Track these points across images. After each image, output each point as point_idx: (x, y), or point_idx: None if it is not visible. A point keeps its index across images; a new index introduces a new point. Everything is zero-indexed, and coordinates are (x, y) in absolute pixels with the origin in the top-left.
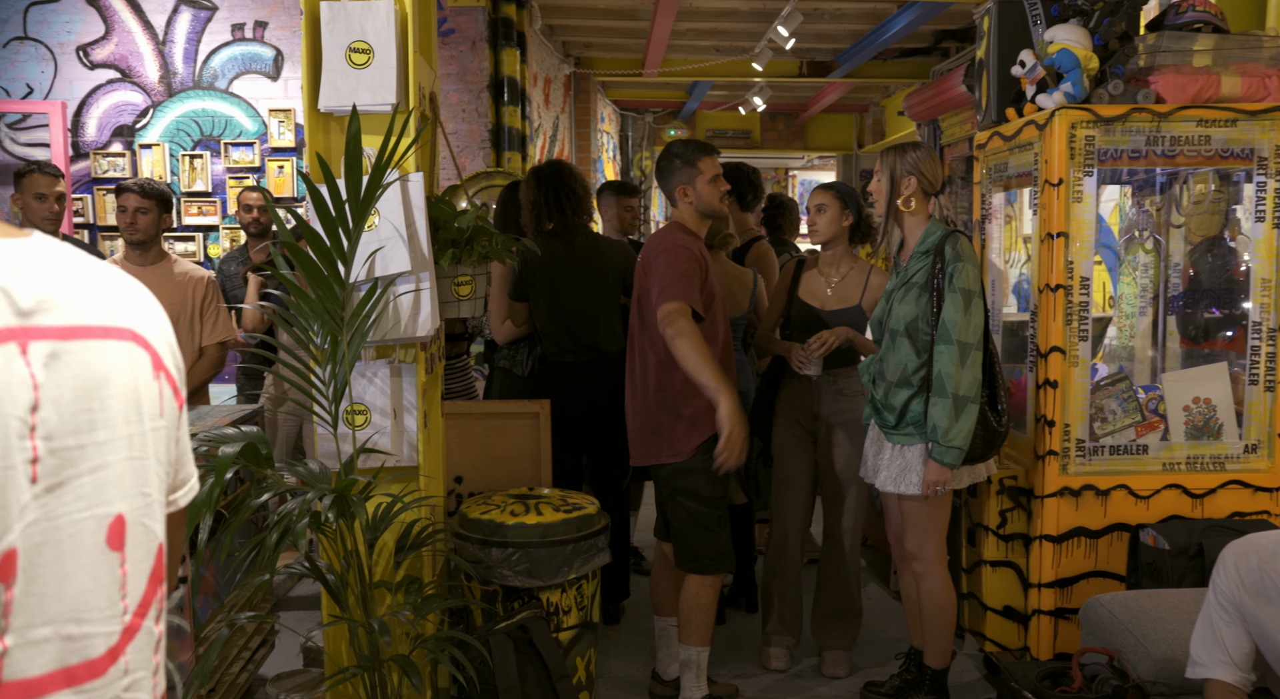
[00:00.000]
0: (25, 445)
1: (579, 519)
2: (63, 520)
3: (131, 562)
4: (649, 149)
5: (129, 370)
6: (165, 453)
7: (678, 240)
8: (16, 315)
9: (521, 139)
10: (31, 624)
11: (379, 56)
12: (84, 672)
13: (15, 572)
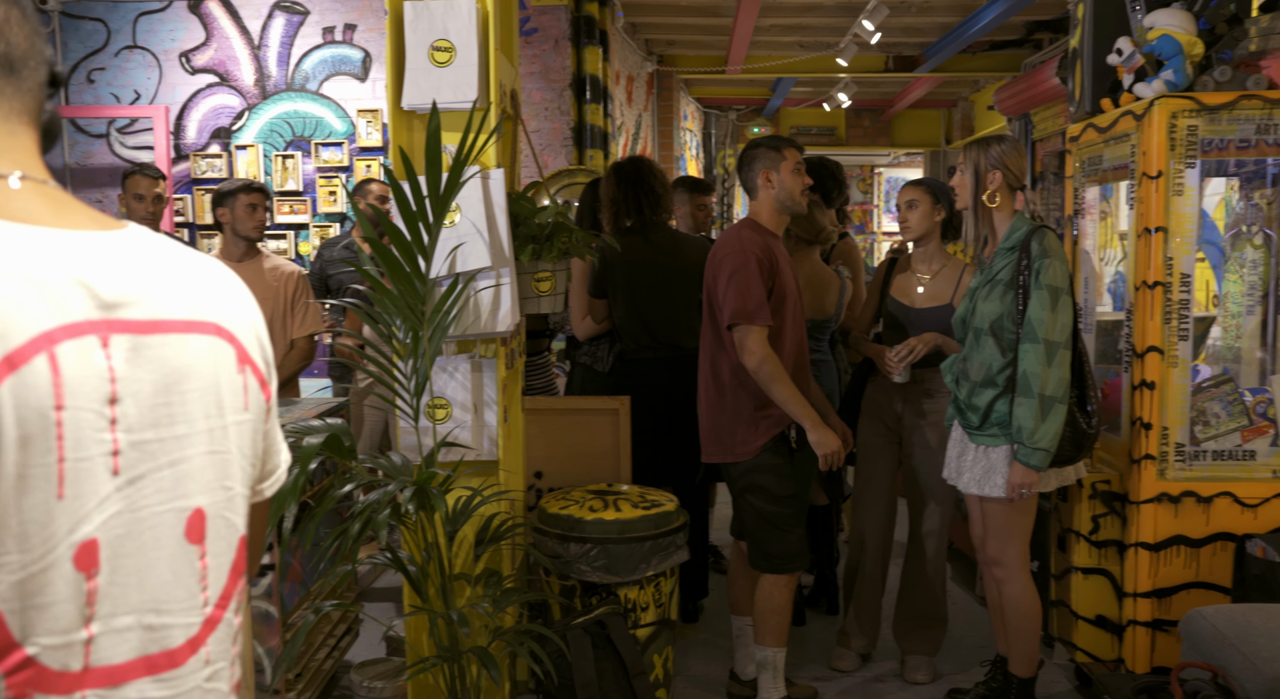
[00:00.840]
0: (104, 438)
1: (657, 516)
2: (143, 513)
3: (212, 554)
4: (732, 146)
5: (211, 364)
6: (250, 446)
7: (744, 241)
8: (99, 308)
9: (604, 137)
10: (115, 613)
11: (461, 54)
12: (163, 661)
13: (98, 561)
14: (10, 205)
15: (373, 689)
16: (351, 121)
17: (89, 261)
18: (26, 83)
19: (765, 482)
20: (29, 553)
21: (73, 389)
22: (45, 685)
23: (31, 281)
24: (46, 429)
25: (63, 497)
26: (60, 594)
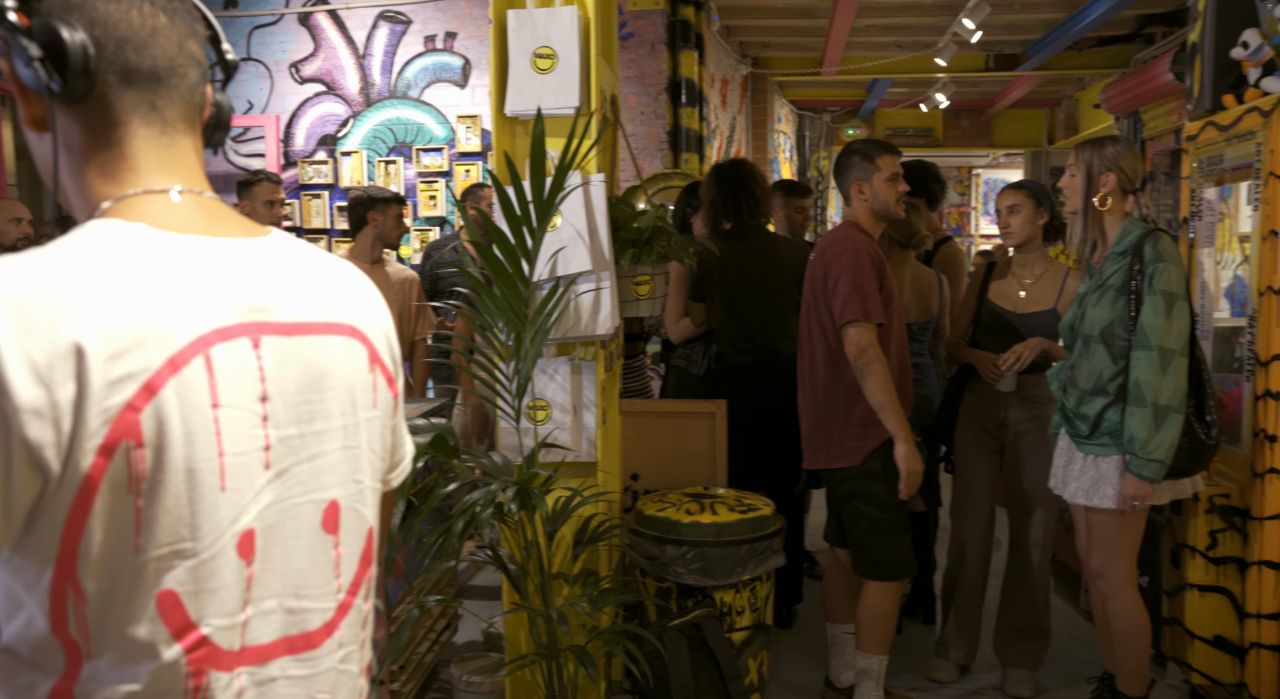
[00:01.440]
0: (257, 434)
1: (754, 520)
2: (287, 504)
3: (345, 544)
4: (826, 149)
5: (346, 364)
6: (379, 442)
7: (855, 241)
8: (249, 311)
9: (699, 140)
10: (263, 596)
11: (563, 61)
12: (302, 642)
13: (254, 549)
14: (171, 218)
15: (472, 683)
16: (451, 127)
17: (239, 267)
18: (178, 89)
19: (873, 488)
20: (200, 541)
21: (228, 388)
22: (215, 662)
23: (190, 288)
24: (207, 426)
25: (225, 489)
26: (226, 580)
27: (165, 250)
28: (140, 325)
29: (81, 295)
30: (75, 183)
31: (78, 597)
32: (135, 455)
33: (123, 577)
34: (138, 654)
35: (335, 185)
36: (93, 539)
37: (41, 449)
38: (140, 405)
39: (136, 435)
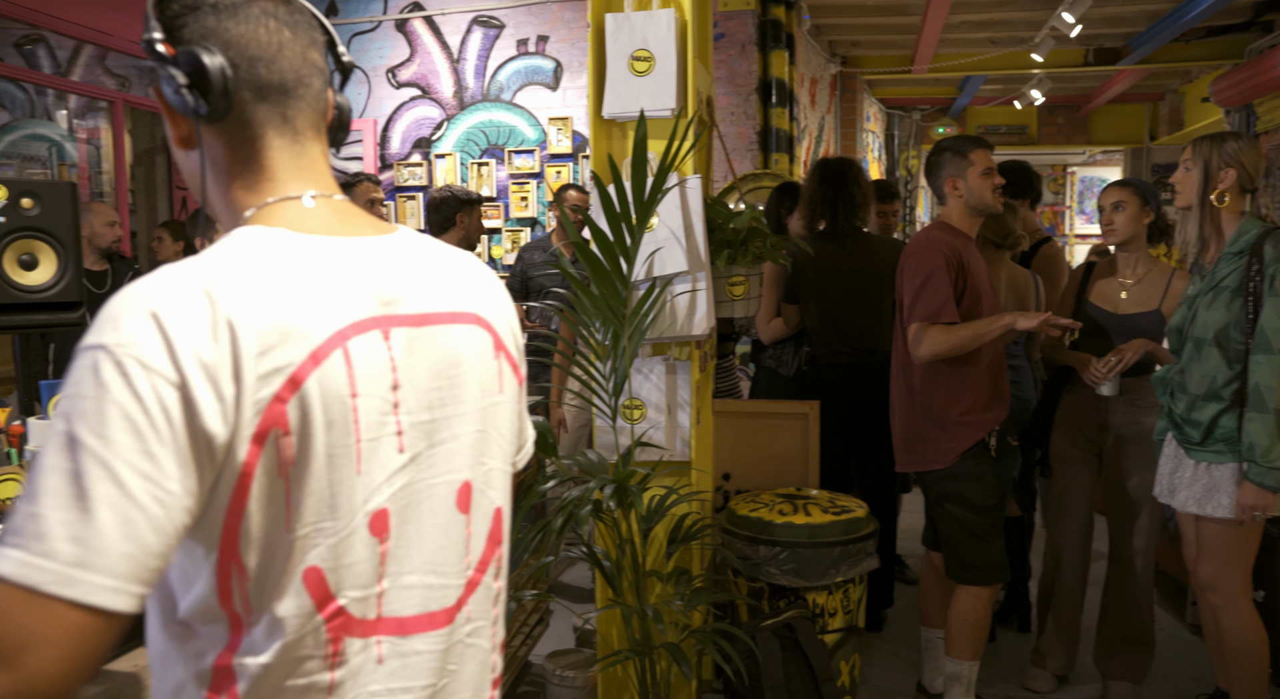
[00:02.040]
0: (390, 420)
1: (847, 522)
2: (422, 485)
3: (474, 523)
4: (915, 148)
5: (473, 351)
6: (506, 426)
7: (933, 241)
8: (380, 305)
9: (789, 140)
10: (402, 572)
11: (660, 64)
12: (442, 618)
13: (388, 528)
14: (307, 221)
15: (565, 678)
16: (543, 129)
17: (369, 264)
18: (304, 98)
19: (965, 490)
20: (339, 520)
21: (363, 378)
22: (351, 630)
23: (326, 285)
24: (346, 415)
25: (360, 472)
26: (360, 555)
27: (303, 251)
28: (285, 322)
29: (234, 298)
30: (221, 194)
31: (240, 573)
32: (283, 443)
33: (276, 554)
34: (286, 623)
35: (429, 187)
36: (251, 521)
37: (214, 440)
38: (286, 397)
39: (284, 424)
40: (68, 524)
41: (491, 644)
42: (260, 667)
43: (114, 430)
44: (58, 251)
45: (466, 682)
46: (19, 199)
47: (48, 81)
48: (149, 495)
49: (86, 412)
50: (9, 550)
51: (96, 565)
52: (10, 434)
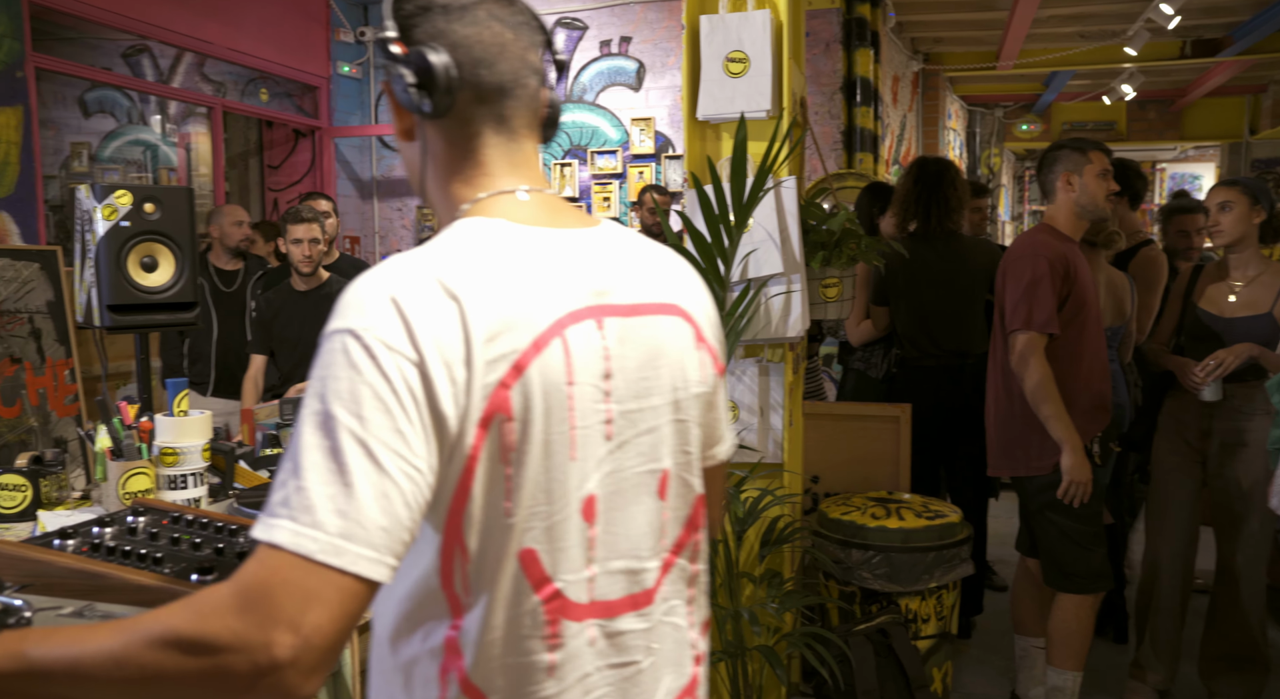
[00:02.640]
0: (600, 408)
1: (941, 527)
2: (627, 473)
3: (671, 509)
4: (997, 145)
5: (677, 342)
6: (703, 416)
7: (1038, 245)
8: (594, 295)
9: (874, 140)
10: (609, 558)
11: (755, 65)
12: (642, 599)
13: (596, 514)
14: (521, 213)
15: None
16: (625, 130)
17: (581, 255)
18: (521, 99)
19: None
20: (554, 505)
21: (579, 367)
22: (568, 613)
23: (545, 275)
24: (563, 402)
25: (575, 459)
26: (572, 540)
27: (523, 242)
28: (510, 310)
29: (464, 286)
30: (439, 187)
31: (462, 555)
32: (506, 428)
33: (495, 536)
34: (504, 604)
35: None
36: (475, 504)
37: (447, 422)
38: (510, 383)
39: (507, 410)
40: (332, 498)
41: (688, 622)
42: (480, 645)
43: (368, 409)
44: (176, 254)
45: (667, 659)
46: (142, 204)
47: (151, 88)
48: (400, 471)
49: (341, 392)
50: (281, 521)
51: (359, 537)
52: (140, 430)
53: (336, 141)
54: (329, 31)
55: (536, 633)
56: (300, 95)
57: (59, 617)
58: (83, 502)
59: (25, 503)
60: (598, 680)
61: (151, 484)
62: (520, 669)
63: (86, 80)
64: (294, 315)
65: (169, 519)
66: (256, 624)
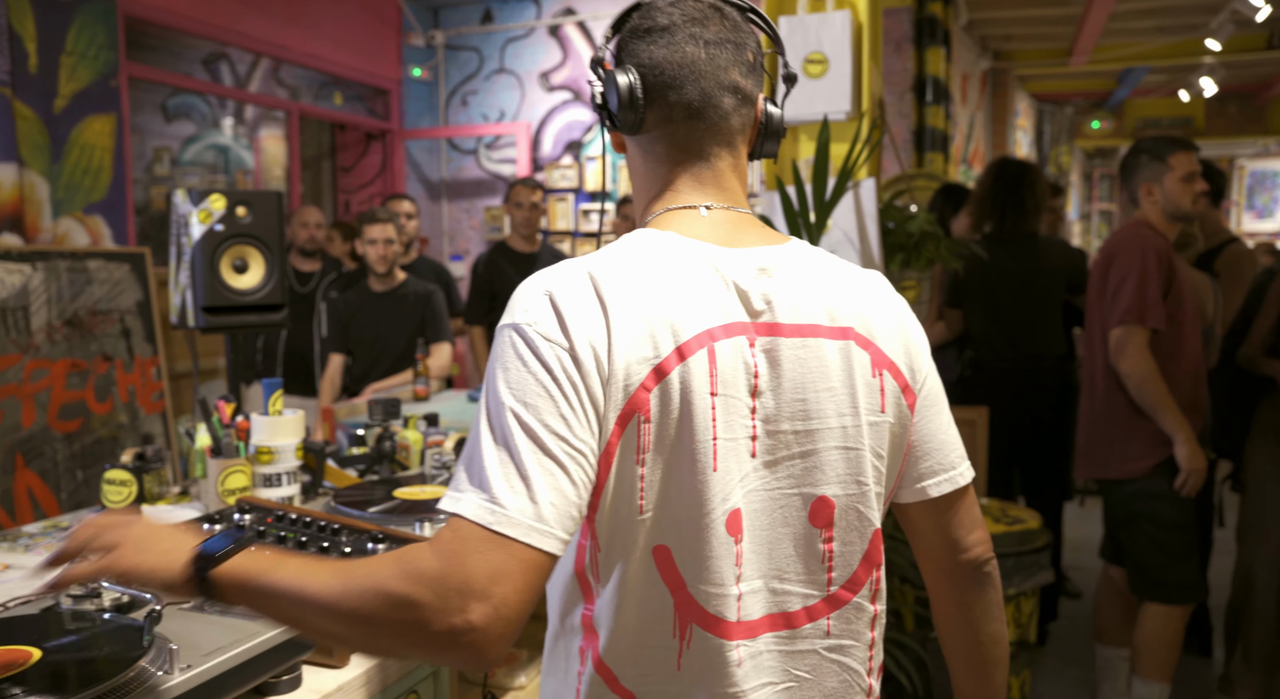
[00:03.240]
0: (746, 424)
1: (1021, 533)
2: (775, 494)
3: (840, 542)
4: (1067, 143)
5: (845, 368)
6: (886, 447)
7: (1144, 240)
8: (749, 314)
9: (944, 139)
10: (752, 576)
11: (834, 67)
12: (781, 621)
13: (741, 529)
14: (696, 228)
15: None
16: None
17: (749, 272)
18: (710, 119)
19: (1159, 505)
20: (689, 510)
21: (724, 379)
22: (704, 622)
23: (700, 288)
24: (705, 411)
25: (716, 470)
26: (715, 551)
27: (685, 255)
28: (656, 316)
29: (614, 288)
30: (639, 199)
31: (594, 544)
32: (643, 428)
33: (626, 531)
34: (635, 596)
35: (580, 189)
36: (607, 497)
37: (599, 410)
38: (651, 386)
39: (645, 411)
40: (506, 477)
41: (866, 667)
42: (612, 630)
43: (532, 396)
44: (266, 256)
45: (822, 692)
46: (235, 208)
47: (233, 94)
48: (564, 453)
49: (510, 381)
50: (469, 495)
51: (533, 514)
52: (239, 429)
53: (407, 144)
54: (400, 35)
55: (665, 629)
56: (372, 98)
57: (180, 610)
58: (182, 497)
59: (130, 497)
60: (728, 690)
61: (248, 482)
62: (650, 660)
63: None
64: (370, 316)
65: (272, 517)
66: (455, 591)
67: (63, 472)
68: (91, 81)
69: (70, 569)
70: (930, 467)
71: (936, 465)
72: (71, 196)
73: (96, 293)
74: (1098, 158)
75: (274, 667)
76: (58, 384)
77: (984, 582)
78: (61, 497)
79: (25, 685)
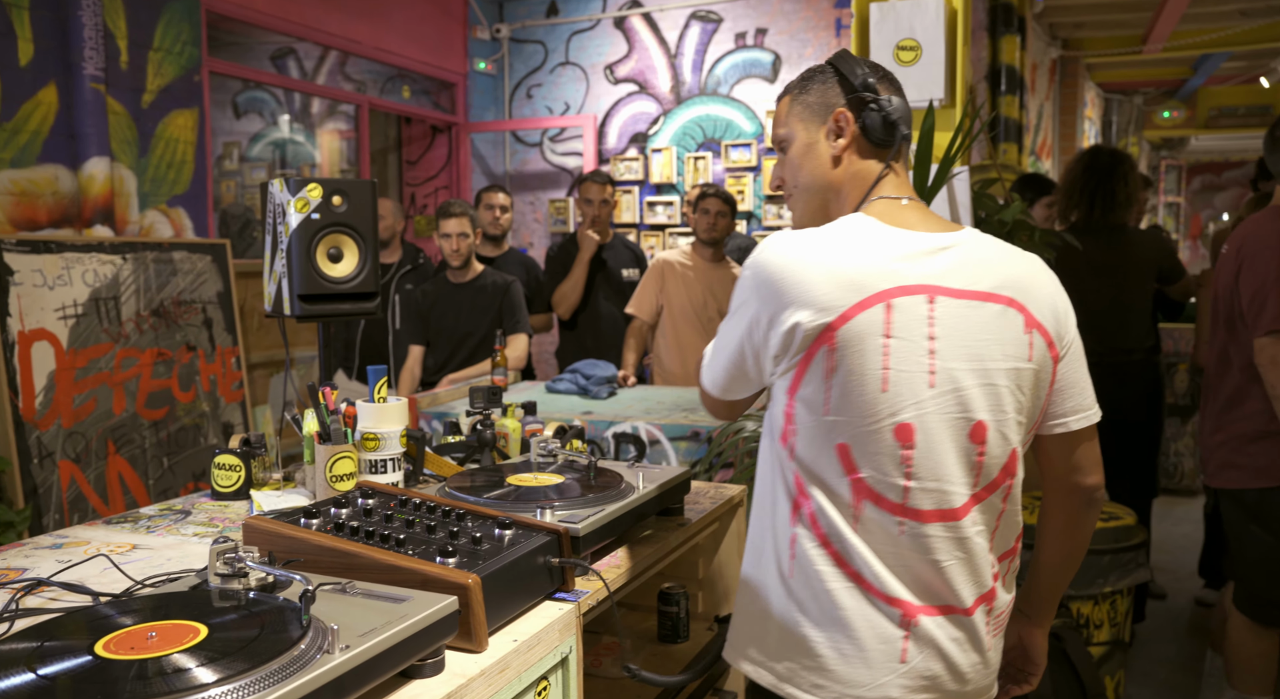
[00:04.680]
0: (924, 362)
1: (1116, 530)
2: (945, 416)
3: (989, 456)
4: (1135, 134)
5: (1001, 325)
6: (1029, 388)
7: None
8: (929, 278)
9: (1018, 129)
10: (921, 476)
11: (927, 53)
12: (949, 515)
13: (911, 440)
14: (894, 215)
15: None
16: (760, 122)
17: (929, 250)
18: (906, 139)
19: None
20: (862, 419)
21: (899, 326)
22: (873, 498)
23: (888, 257)
24: (877, 348)
25: (885, 392)
26: (883, 450)
27: (880, 233)
28: (847, 275)
29: (820, 252)
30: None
31: (795, 438)
32: (828, 356)
33: (817, 431)
34: (825, 479)
35: (645, 181)
36: (800, 405)
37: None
38: (838, 326)
39: (832, 344)
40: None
41: (989, 546)
42: (812, 501)
43: (745, 320)
44: (359, 245)
45: (970, 567)
46: (331, 197)
47: (306, 88)
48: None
49: (734, 306)
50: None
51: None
52: (345, 415)
53: (472, 137)
54: (466, 29)
55: (844, 501)
56: (438, 92)
57: (324, 592)
58: (288, 483)
59: (239, 482)
60: (893, 554)
61: (355, 467)
62: (828, 519)
63: (238, 84)
64: (449, 307)
65: (395, 502)
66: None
67: (150, 459)
68: (176, 77)
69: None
70: (1072, 407)
71: (1076, 406)
72: (156, 189)
73: (181, 283)
74: (1165, 149)
75: (422, 649)
76: (145, 373)
77: (1094, 504)
78: (149, 483)
79: (199, 659)
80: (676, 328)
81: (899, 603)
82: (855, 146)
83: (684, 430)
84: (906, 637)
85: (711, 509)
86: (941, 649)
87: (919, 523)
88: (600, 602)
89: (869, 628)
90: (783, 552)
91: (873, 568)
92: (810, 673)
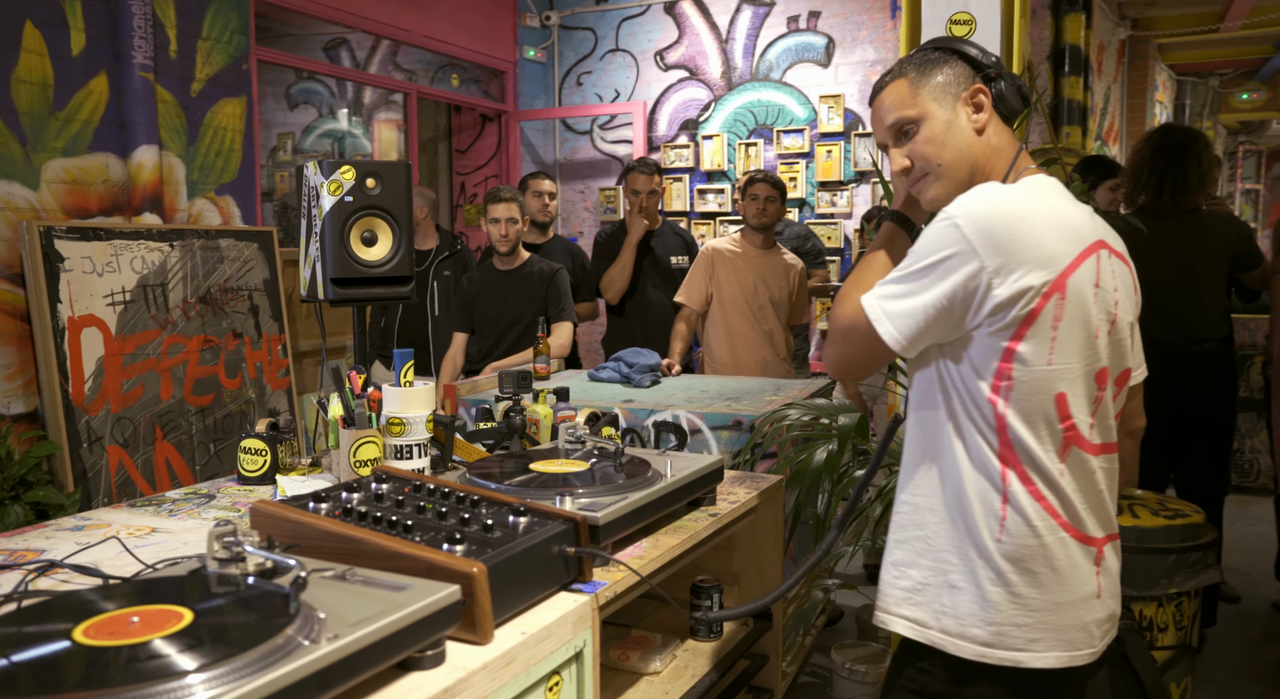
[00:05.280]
0: (1110, 311)
1: (1183, 528)
2: (1113, 360)
3: (1120, 399)
4: (1211, 118)
5: (1132, 283)
6: (1130, 341)
7: None
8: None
9: (1083, 112)
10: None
11: (982, 27)
12: (1111, 447)
13: (1104, 383)
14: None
15: (855, 672)
16: (813, 108)
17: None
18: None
19: None
20: (1076, 366)
21: (1104, 276)
22: (1078, 442)
23: (1082, 214)
24: (1089, 297)
25: (1096, 338)
26: (1083, 394)
27: (1064, 191)
28: (1069, 228)
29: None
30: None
31: (1009, 383)
32: (1058, 304)
33: (1038, 379)
34: (1039, 427)
35: (696, 168)
36: (1025, 351)
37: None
38: (1068, 273)
39: (1062, 292)
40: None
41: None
42: (1018, 445)
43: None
44: (394, 229)
45: (1115, 493)
46: (364, 179)
47: (356, 76)
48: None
49: (935, 257)
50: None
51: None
52: (370, 399)
53: (521, 125)
54: (515, 17)
55: (1054, 449)
56: (487, 80)
57: (322, 578)
58: (314, 468)
59: (265, 467)
60: (1087, 493)
61: (380, 453)
62: (1041, 463)
63: (292, 76)
64: (495, 294)
65: (410, 487)
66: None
67: (196, 444)
68: (224, 66)
69: None
70: (1138, 359)
71: (1140, 359)
72: (205, 177)
73: (228, 271)
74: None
75: (419, 640)
76: (192, 359)
77: (1136, 437)
78: (195, 469)
79: (177, 646)
80: (727, 317)
81: (1093, 541)
82: (993, 120)
83: (726, 419)
84: (1098, 573)
85: (746, 499)
86: (1113, 576)
87: (1093, 456)
88: (620, 593)
89: (1075, 573)
90: (991, 515)
91: (1078, 512)
92: (1024, 630)
